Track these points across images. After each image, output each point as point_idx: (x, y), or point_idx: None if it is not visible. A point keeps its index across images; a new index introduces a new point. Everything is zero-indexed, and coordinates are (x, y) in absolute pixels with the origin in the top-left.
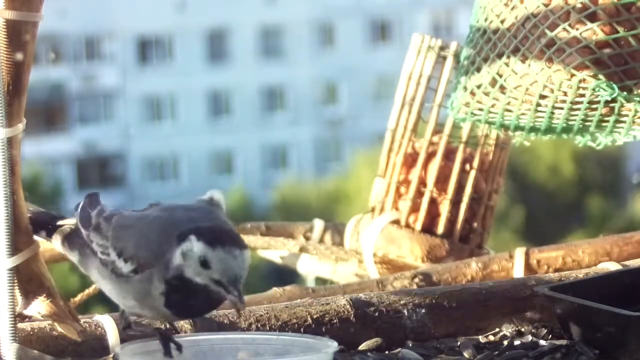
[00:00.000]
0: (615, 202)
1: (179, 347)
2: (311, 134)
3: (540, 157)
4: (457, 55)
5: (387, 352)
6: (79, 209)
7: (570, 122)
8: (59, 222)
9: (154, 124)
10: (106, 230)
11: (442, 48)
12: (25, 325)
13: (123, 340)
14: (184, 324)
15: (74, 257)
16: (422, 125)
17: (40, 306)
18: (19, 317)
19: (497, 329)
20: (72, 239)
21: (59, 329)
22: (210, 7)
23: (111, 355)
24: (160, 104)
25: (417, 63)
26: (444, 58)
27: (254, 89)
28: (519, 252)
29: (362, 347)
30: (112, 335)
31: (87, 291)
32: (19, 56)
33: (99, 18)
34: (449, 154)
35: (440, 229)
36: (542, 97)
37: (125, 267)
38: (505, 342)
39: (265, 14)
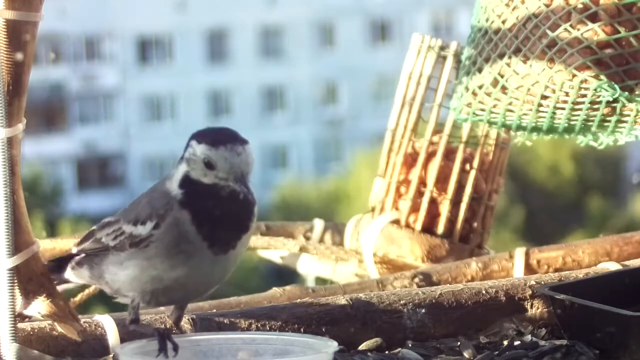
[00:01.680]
0: (615, 202)
1: (176, 347)
2: (311, 134)
3: (540, 157)
4: (457, 55)
5: (387, 352)
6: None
7: (572, 122)
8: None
9: (154, 124)
10: (114, 218)
11: (442, 48)
12: (25, 325)
13: (123, 340)
14: (184, 324)
15: (85, 273)
16: (422, 125)
17: (40, 306)
18: (19, 317)
19: (497, 329)
20: (78, 262)
21: (59, 329)
22: (210, 7)
23: (111, 355)
24: (160, 104)
25: (417, 63)
26: (444, 58)
27: (254, 89)
28: (519, 252)
29: (362, 347)
30: (112, 335)
31: (87, 291)
32: (19, 56)
33: (99, 18)
34: (449, 154)
35: (441, 229)
36: (544, 97)
37: (145, 229)
38: (505, 342)
39: (265, 14)
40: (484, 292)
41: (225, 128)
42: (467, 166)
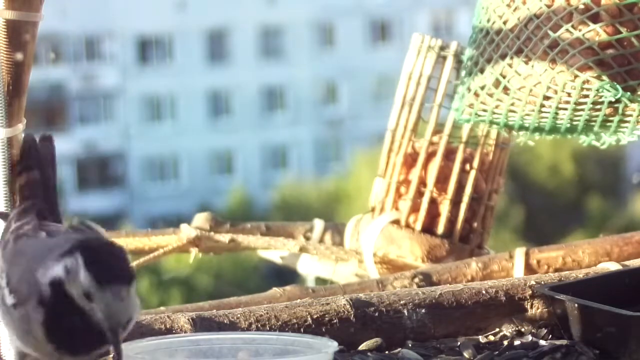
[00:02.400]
0: (615, 202)
1: None
2: (311, 134)
3: (540, 157)
4: (457, 55)
5: (387, 352)
6: (9, 219)
7: (574, 123)
8: None
9: (154, 124)
10: (5, 254)
11: (442, 48)
12: None
13: (123, 340)
14: (184, 324)
15: None
16: (422, 125)
17: None
18: None
19: (497, 329)
20: None
21: None
22: (210, 7)
23: (111, 356)
24: (160, 104)
25: (417, 63)
26: (444, 58)
27: (254, 89)
28: (519, 252)
29: (362, 347)
30: None
31: None
32: (19, 56)
33: (99, 18)
34: (449, 154)
35: (441, 229)
36: (546, 98)
37: (9, 299)
38: (505, 342)
39: (265, 14)
40: (484, 292)
41: (114, 252)
42: (467, 166)
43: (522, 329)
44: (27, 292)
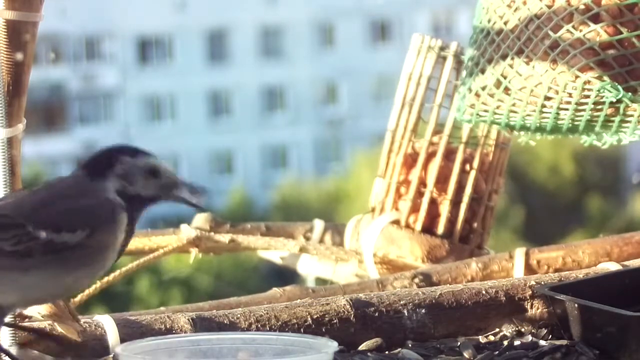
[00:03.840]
0: (615, 202)
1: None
2: (311, 134)
3: (540, 157)
4: (457, 56)
5: (387, 352)
6: None
7: (575, 123)
8: None
9: (154, 124)
10: (13, 217)
11: (442, 48)
12: (25, 325)
13: (123, 340)
14: (184, 324)
15: None
16: (422, 126)
17: (40, 306)
18: (19, 317)
19: (497, 329)
20: None
21: (59, 329)
22: (210, 7)
23: (111, 355)
24: (160, 104)
25: (417, 63)
26: (444, 58)
27: (254, 89)
28: (519, 252)
29: (362, 347)
30: (112, 335)
31: (87, 291)
32: (19, 56)
33: (99, 18)
34: (449, 154)
35: (441, 229)
36: (547, 98)
37: (74, 237)
38: (505, 342)
39: (265, 14)
40: (484, 292)
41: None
42: (467, 166)
43: (522, 329)
44: (103, 218)
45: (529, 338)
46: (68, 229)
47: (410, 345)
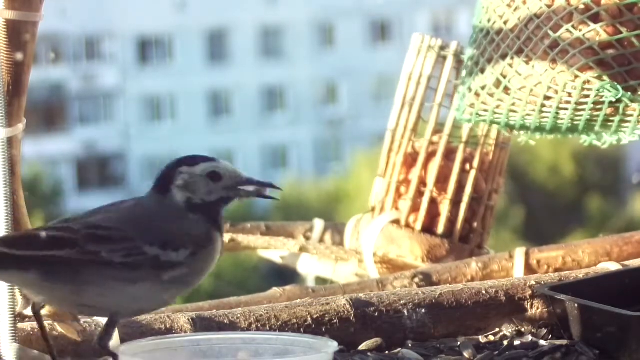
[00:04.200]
0: (615, 202)
1: None
2: (311, 134)
3: (540, 157)
4: (457, 55)
5: (387, 352)
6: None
7: (575, 122)
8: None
9: (154, 124)
10: (121, 232)
11: (442, 48)
12: (25, 325)
13: (123, 340)
14: (184, 324)
15: (34, 278)
16: (422, 125)
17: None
18: (19, 317)
19: (497, 329)
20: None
21: (59, 329)
22: (210, 7)
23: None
24: (160, 104)
25: (417, 63)
26: (444, 58)
27: (254, 89)
28: (519, 252)
29: (362, 347)
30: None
31: None
32: (19, 56)
33: (99, 18)
34: (449, 154)
35: (441, 228)
36: (547, 98)
37: (178, 256)
38: (505, 342)
39: (265, 14)
40: (484, 292)
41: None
42: (467, 166)
43: (522, 329)
44: (203, 238)
45: (529, 338)
46: (173, 248)
47: (410, 345)
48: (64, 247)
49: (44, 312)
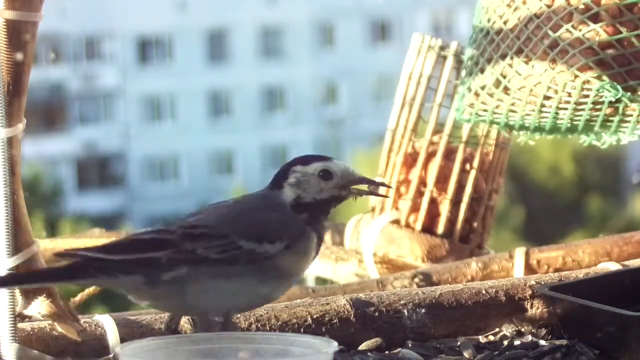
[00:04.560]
0: (615, 202)
1: None
2: (311, 134)
3: (540, 157)
4: (457, 55)
5: (387, 352)
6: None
7: (574, 122)
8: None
9: (154, 124)
10: (216, 228)
11: (442, 48)
12: (25, 325)
13: (123, 340)
14: (184, 324)
15: (131, 281)
16: (422, 125)
17: (40, 306)
18: (19, 317)
19: (497, 329)
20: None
21: (59, 329)
22: (210, 7)
23: (111, 355)
24: (160, 104)
25: (417, 63)
26: (444, 58)
27: (254, 89)
28: (519, 252)
29: (362, 347)
30: (112, 335)
31: (87, 291)
32: (19, 56)
33: (99, 18)
34: (449, 154)
35: (441, 228)
36: (546, 98)
37: (273, 248)
38: (505, 342)
39: (265, 14)
40: (484, 292)
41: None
42: (467, 166)
43: (522, 329)
44: (294, 230)
45: (529, 338)
46: (269, 240)
47: (410, 345)
48: (163, 248)
49: (44, 311)
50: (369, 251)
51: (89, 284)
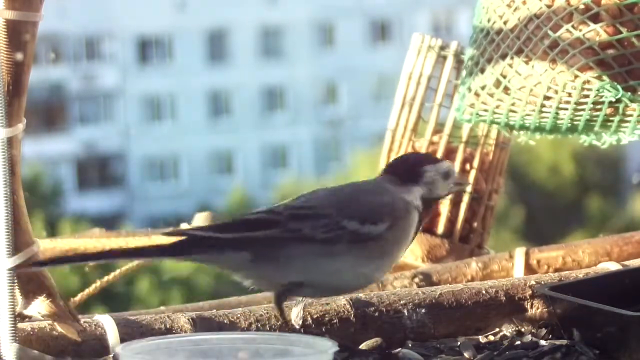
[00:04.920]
0: (615, 202)
1: None
2: (311, 134)
3: (540, 157)
4: (457, 55)
5: (387, 351)
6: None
7: (574, 122)
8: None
9: (154, 124)
10: (321, 209)
11: (442, 48)
12: (25, 325)
13: (123, 340)
14: (184, 324)
15: (237, 257)
16: (422, 125)
17: (40, 306)
18: (19, 317)
19: (497, 329)
20: (234, 245)
21: (59, 329)
22: (210, 7)
23: (111, 355)
24: (160, 104)
25: (417, 63)
26: (444, 58)
27: (254, 89)
28: (519, 252)
29: (362, 347)
30: (112, 335)
31: (87, 291)
32: (19, 56)
33: (99, 18)
34: (449, 154)
35: (441, 228)
36: (547, 98)
37: (377, 229)
38: (505, 342)
39: (265, 14)
40: (484, 292)
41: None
42: (467, 166)
43: (522, 329)
44: (400, 212)
45: (529, 338)
46: (371, 221)
47: (410, 345)
48: (270, 227)
49: (44, 311)
50: None
51: (197, 260)
